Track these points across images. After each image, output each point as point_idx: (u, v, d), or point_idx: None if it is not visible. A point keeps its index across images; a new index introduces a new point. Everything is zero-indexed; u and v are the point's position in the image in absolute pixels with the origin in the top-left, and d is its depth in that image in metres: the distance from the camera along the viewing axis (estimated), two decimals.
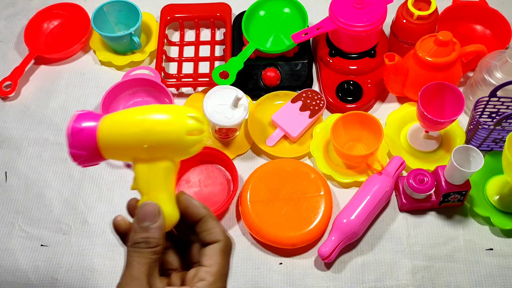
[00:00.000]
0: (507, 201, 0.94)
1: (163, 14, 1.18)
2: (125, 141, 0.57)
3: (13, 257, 0.94)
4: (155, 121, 0.58)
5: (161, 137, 0.57)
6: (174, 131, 0.57)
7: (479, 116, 0.99)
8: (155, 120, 0.58)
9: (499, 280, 0.90)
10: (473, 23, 1.16)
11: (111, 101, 1.07)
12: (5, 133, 1.08)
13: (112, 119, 0.58)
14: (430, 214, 0.97)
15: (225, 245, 0.56)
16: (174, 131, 0.57)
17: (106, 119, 0.58)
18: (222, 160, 1.00)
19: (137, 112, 0.58)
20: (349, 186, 1.00)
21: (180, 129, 0.58)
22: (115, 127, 0.58)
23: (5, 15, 1.25)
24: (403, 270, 0.92)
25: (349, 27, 1.01)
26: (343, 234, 0.90)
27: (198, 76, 1.13)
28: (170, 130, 0.58)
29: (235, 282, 0.91)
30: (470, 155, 0.88)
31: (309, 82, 1.11)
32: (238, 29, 1.14)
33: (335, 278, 0.91)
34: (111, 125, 0.58)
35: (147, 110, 0.58)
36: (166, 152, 0.58)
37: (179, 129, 0.58)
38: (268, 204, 0.94)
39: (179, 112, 0.59)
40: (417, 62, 0.99)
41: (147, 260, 0.53)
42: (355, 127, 1.00)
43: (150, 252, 0.54)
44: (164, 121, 0.58)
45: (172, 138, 0.58)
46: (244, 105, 0.97)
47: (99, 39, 1.17)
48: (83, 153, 0.57)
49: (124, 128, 0.58)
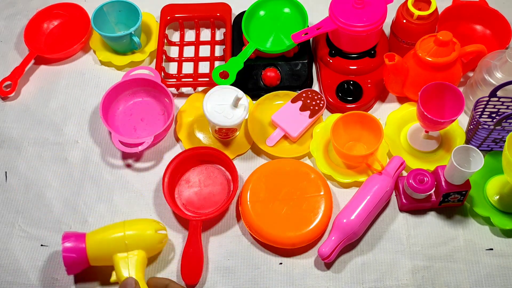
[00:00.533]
0: (507, 201, 0.94)
1: (163, 14, 1.18)
2: (110, 244, 0.85)
3: (13, 257, 0.94)
4: (133, 222, 0.89)
5: (139, 235, 0.86)
6: (148, 227, 0.88)
7: (479, 116, 0.99)
8: (133, 222, 0.89)
9: (499, 280, 0.90)
10: (473, 23, 1.16)
11: (111, 101, 1.07)
12: (5, 133, 1.08)
13: (95, 234, 0.87)
14: (430, 214, 0.97)
15: None
16: (148, 227, 0.88)
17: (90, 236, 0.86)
18: (222, 160, 1.00)
19: (115, 224, 0.88)
20: (349, 186, 1.00)
21: (151, 227, 0.88)
22: (101, 236, 0.86)
23: (5, 15, 1.25)
24: (403, 270, 0.92)
25: (349, 27, 1.01)
26: (343, 234, 0.90)
27: (198, 76, 1.13)
28: (144, 227, 0.88)
29: (235, 282, 0.91)
30: (470, 155, 0.88)
31: (309, 82, 1.11)
32: (238, 29, 1.14)
33: (335, 278, 0.91)
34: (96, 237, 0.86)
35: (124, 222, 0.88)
36: (140, 246, 0.86)
37: (151, 227, 0.88)
38: (268, 204, 0.94)
39: (148, 220, 0.91)
40: (417, 62, 0.99)
41: None
42: (355, 127, 1.00)
43: None
44: (140, 222, 0.89)
45: (146, 233, 0.87)
46: (244, 105, 0.97)
47: (99, 39, 1.17)
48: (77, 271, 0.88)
49: (108, 233, 0.86)
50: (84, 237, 0.86)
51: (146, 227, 0.87)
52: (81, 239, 0.85)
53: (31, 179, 1.02)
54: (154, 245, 0.88)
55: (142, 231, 0.87)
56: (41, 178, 1.02)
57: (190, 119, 1.07)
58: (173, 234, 0.96)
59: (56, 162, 1.04)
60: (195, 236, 0.92)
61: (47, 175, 1.03)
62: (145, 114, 1.08)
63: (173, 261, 0.93)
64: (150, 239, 0.87)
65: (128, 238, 0.85)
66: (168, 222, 0.97)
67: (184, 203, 0.98)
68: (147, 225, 0.88)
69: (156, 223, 0.89)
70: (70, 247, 0.84)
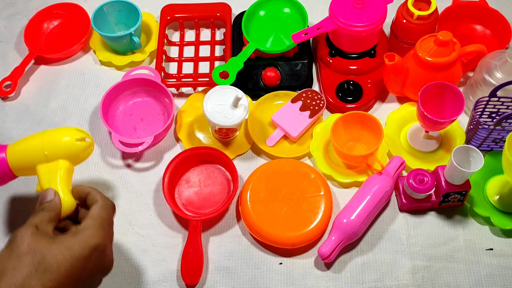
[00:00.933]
0: (507, 201, 0.94)
1: (163, 14, 1.18)
2: (30, 154, 0.82)
3: None
4: (52, 131, 0.84)
5: (58, 144, 0.82)
6: (68, 137, 0.83)
7: (479, 116, 0.99)
8: (52, 131, 0.84)
9: (499, 280, 0.90)
10: (473, 23, 1.16)
11: (111, 101, 1.07)
12: (5, 133, 1.08)
13: (16, 144, 0.84)
14: (430, 214, 0.97)
15: (103, 203, 0.77)
16: (68, 137, 0.83)
17: (10, 147, 0.84)
18: (222, 160, 1.00)
19: (36, 134, 0.84)
20: (349, 186, 1.00)
21: (71, 135, 0.83)
22: (21, 146, 0.83)
23: (5, 15, 1.25)
24: (403, 270, 0.92)
25: (349, 27, 1.01)
26: (343, 234, 0.90)
27: (198, 76, 1.13)
28: (63, 136, 0.83)
29: (235, 282, 0.91)
30: (470, 155, 0.88)
31: (309, 82, 1.11)
32: (238, 29, 1.14)
33: (335, 278, 0.91)
34: (16, 147, 0.83)
35: (44, 131, 0.84)
36: (62, 155, 0.82)
37: (71, 135, 0.83)
38: (268, 204, 0.94)
39: (68, 128, 0.85)
40: (417, 62, 0.99)
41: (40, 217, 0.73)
42: (355, 127, 1.00)
43: (45, 214, 0.74)
44: (58, 131, 0.84)
45: (66, 143, 0.82)
46: (244, 105, 0.97)
47: (99, 39, 1.17)
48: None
49: (28, 144, 0.83)
50: (5, 149, 0.84)
51: (64, 136, 0.83)
52: (1, 150, 0.83)
53: (31, 179, 1.02)
54: (77, 154, 0.84)
55: (61, 140, 0.83)
56: None
57: (190, 119, 1.07)
58: (173, 234, 0.96)
59: None
60: (195, 236, 0.92)
61: None
62: (145, 114, 1.08)
63: (173, 261, 0.93)
64: (71, 148, 0.83)
65: (47, 148, 0.82)
66: (168, 222, 0.97)
67: (184, 203, 0.98)
68: (66, 134, 0.84)
69: (77, 131, 0.85)
70: None
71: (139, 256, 0.94)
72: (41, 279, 0.66)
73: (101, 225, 0.74)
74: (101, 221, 0.75)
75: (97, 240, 0.72)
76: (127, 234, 0.96)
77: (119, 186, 1.01)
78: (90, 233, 0.72)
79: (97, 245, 0.71)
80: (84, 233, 0.72)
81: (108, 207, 0.78)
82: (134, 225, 0.97)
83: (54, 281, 0.66)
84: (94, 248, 0.71)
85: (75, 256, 0.69)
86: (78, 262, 0.69)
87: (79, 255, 0.69)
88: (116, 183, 1.01)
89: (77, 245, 0.70)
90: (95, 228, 0.73)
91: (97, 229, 0.73)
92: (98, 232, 0.73)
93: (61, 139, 0.83)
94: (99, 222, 0.74)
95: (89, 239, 0.71)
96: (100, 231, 0.73)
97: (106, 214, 0.76)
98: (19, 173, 0.85)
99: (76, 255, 0.69)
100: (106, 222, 0.76)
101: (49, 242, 0.69)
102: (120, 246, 0.95)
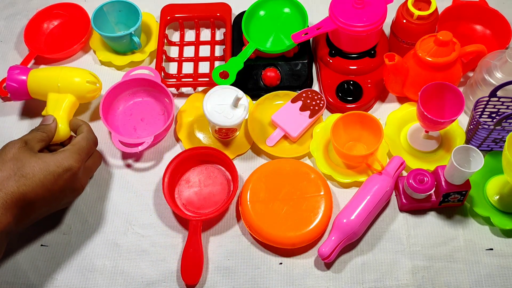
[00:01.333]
0: (507, 201, 0.94)
1: (163, 14, 1.18)
2: (46, 82, 0.99)
3: (13, 257, 0.94)
4: (69, 69, 1.02)
5: (70, 80, 0.99)
6: (79, 77, 1.00)
7: (479, 116, 0.99)
8: (69, 69, 1.02)
9: (499, 280, 0.90)
10: (473, 23, 1.16)
11: (111, 101, 1.07)
12: (5, 133, 1.08)
13: (37, 71, 1.02)
14: (430, 214, 0.97)
15: (86, 134, 0.92)
16: (79, 77, 1.00)
17: (32, 72, 1.01)
18: (222, 160, 1.00)
19: (56, 67, 1.04)
20: (349, 186, 1.00)
21: (83, 77, 1.00)
22: (40, 74, 1.01)
23: (5, 15, 1.25)
24: (403, 270, 0.92)
25: (349, 27, 1.01)
26: (343, 234, 0.90)
27: (198, 76, 1.13)
28: (76, 76, 1.00)
29: (235, 282, 0.91)
30: (470, 155, 0.88)
31: (309, 82, 1.11)
32: (238, 29, 1.14)
33: (335, 278, 0.91)
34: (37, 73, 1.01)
35: (62, 67, 1.03)
36: (71, 91, 0.99)
37: (82, 77, 1.00)
38: (268, 204, 0.94)
39: (83, 70, 1.02)
40: (417, 62, 0.99)
41: (32, 135, 0.88)
42: (355, 127, 1.00)
43: (37, 134, 0.89)
44: (74, 70, 1.02)
45: (77, 82, 1.00)
46: (244, 105, 0.97)
47: (99, 39, 1.17)
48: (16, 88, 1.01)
49: (46, 74, 1.00)
50: (28, 72, 1.01)
51: (78, 76, 1.00)
52: (25, 72, 1.01)
53: None
54: (84, 94, 1.01)
55: (73, 78, 0.99)
56: None
57: (190, 119, 1.07)
58: (173, 234, 0.96)
59: None
60: (195, 236, 0.92)
61: None
62: (145, 114, 1.08)
63: (173, 261, 0.93)
64: (80, 87, 1.00)
65: (61, 81, 0.98)
66: (168, 222, 0.97)
67: (184, 203, 0.98)
68: (79, 74, 1.00)
69: (89, 74, 1.01)
70: (13, 77, 1.00)
71: (139, 256, 0.94)
72: (17, 182, 0.81)
73: (78, 151, 0.88)
74: (79, 147, 0.89)
75: (71, 162, 0.86)
76: (127, 234, 0.96)
77: (119, 186, 1.01)
78: (66, 155, 0.86)
79: (70, 166, 0.86)
80: (61, 154, 0.86)
81: (89, 139, 0.92)
82: (134, 225, 0.97)
83: (27, 187, 0.81)
84: (67, 168, 0.85)
85: (49, 171, 0.83)
86: (51, 176, 0.83)
87: (53, 171, 0.84)
88: (116, 183, 1.01)
89: (53, 163, 0.84)
90: (72, 152, 0.87)
91: (74, 153, 0.87)
92: (74, 156, 0.87)
93: (74, 77, 1.00)
94: (77, 148, 0.88)
95: (64, 159, 0.85)
96: (75, 156, 0.87)
97: (86, 143, 0.90)
98: (34, 95, 1.02)
99: (50, 170, 0.83)
100: (84, 151, 0.90)
101: (31, 156, 0.84)
102: (120, 246, 0.95)
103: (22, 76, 1.00)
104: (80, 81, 0.99)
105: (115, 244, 0.95)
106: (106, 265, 0.93)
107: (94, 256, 0.94)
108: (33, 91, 1.01)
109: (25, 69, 1.01)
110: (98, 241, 0.96)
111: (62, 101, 0.98)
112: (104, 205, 0.99)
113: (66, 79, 0.99)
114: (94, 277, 0.92)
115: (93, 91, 1.02)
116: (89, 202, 1.00)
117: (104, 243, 0.96)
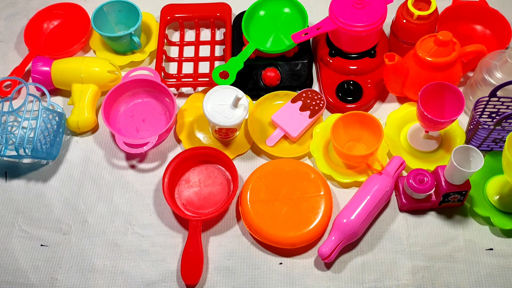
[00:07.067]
0: (507, 201, 0.94)
1: (163, 14, 1.18)
2: (69, 74, 1.06)
3: (13, 257, 0.94)
4: (91, 59, 1.08)
5: (92, 71, 1.06)
6: (100, 68, 1.07)
7: (479, 116, 0.99)
8: (91, 59, 1.08)
9: (499, 280, 0.90)
10: (473, 23, 1.16)
11: (112, 103, 1.06)
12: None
13: (60, 62, 1.08)
14: (430, 214, 0.97)
15: None
16: (100, 68, 1.07)
17: (55, 63, 1.07)
18: (222, 160, 1.00)
19: (77, 58, 1.09)
20: (349, 186, 1.00)
21: (104, 67, 1.07)
22: (63, 65, 1.07)
23: (5, 15, 1.25)
24: (403, 270, 0.92)
25: (349, 27, 1.01)
26: (343, 234, 0.90)
27: (198, 76, 1.13)
28: (97, 66, 1.07)
29: (235, 282, 0.91)
30: (470, 155, 0.88)
31: (309, 82, 1.11)
32: (238, 29, 1.14)
33: (335, 278, 0.91)
34: (60, 65, 1.07)
35: (84, 57, 1.08)
36: (93, 81, 1.06)
37: (103, 67, 1.07)
38: (268, 204, 0.94)
39: (104, 60, 1.09)
40: (417, 62, 0.99)
41: None
42: (355, 127, 1.00)
43: None
44: (96, 60, 1.08)
45: (98, 72, 1.06)
46: (244, 105, 0.97)
47: (99, 39, 1.17)
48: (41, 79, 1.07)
49: (69, 65, 1.07)
50: (50, 63, 1.07)
51: (99, 66, 1.06)
52: (48, 64, 1.07)
53: (31, 179, 1.02)
54: (106, 83, 1.07)
55: (94, 68, 1.06)
56: (41, 178, 1.02)
57: (190, 119, 1.07)
58: (173, 234, 0.96)
59: (56, 162, 1.04)
60: (195, 236, 0.92)
61: (47, 175, 1.03)
62: (146, 114, 1.08)
63: (173, 261, 0.93)
64: (102, 76, 1.06)
65: (83, 72, 1.05)
66: (168, 222, 0.97)
67: (184, 203, 0.98)
68: (100, 65, 1.07)
69: (109, 64, 1.08)
70: (37, 69, 1.06)
71: (139, 256, 0.94)
72: None
73: None
74: None
75: None
76: (127, 234, 0.96)
77: (119, 186, 1.01)
78: None
79: None
80: None
81: None
82: (134, 225, 0.97)
83: None
84: None
85: None
86: None
87: None
88: (116, 183, 1.02)
89: None
90: None
91: None
92: None
93: (95, 67, 1.06)
94: None
95: None
96: None
97: None
98: (57, 85, 1.08)
99: None
100: None
101: None
102: (120, 246, 0.95)
103: (45, 67, 1.06)
104: (101, 71, 1.06)
105: (115, 244, 0.95)
106: (106, 265, 0.93)
107: (94, 256, 0.94)
108: (57, 82, 1.07)
109: (48, 60, 1.07)
110: (98, 241, 0.96)
111: (86, 91, 1.05)
112: (104, 205, 0.99)
113: (88, 70, 1.05)
114: (94, 277, 0.92)
115: (114, 80, 1.08)
116: (89, 202, 1.00)
117: (104, 243, 0.96)
